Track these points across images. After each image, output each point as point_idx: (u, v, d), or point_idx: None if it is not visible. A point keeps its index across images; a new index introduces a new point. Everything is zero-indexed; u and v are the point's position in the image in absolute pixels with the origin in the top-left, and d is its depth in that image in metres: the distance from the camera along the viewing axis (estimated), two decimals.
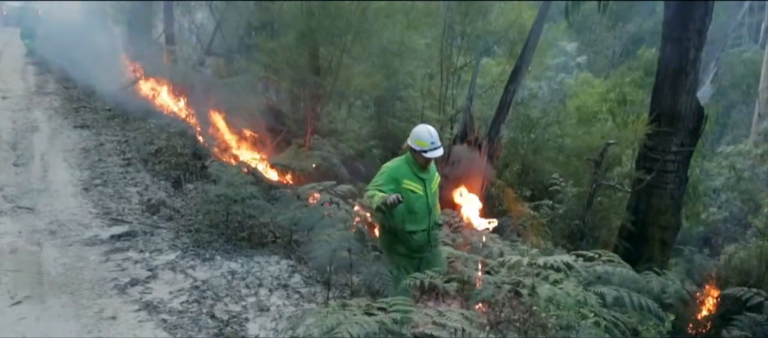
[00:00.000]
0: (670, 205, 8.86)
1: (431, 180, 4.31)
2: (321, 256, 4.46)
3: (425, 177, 4.25)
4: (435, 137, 4.22)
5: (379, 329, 2.04)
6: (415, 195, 4.17)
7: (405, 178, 4.16)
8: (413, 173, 4.20)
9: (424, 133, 4.19)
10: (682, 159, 8.72)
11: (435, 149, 4.14)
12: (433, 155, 4.15)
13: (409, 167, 4.22)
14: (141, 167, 7.63)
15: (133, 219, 6.18)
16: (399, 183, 4.13)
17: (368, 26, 8.84)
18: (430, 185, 4.28)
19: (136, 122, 9.24)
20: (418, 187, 4.19)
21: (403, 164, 4.25)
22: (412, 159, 4.22)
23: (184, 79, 10.73)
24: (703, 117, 8.70)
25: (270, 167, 8.04)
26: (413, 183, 4.17)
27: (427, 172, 4.27)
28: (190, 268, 5.25)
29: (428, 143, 4.13)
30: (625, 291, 4.21)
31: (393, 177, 4.16)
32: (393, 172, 4.19)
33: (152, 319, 4.14)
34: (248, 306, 4.72)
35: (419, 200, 4.20)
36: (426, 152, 4.12)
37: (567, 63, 17.32)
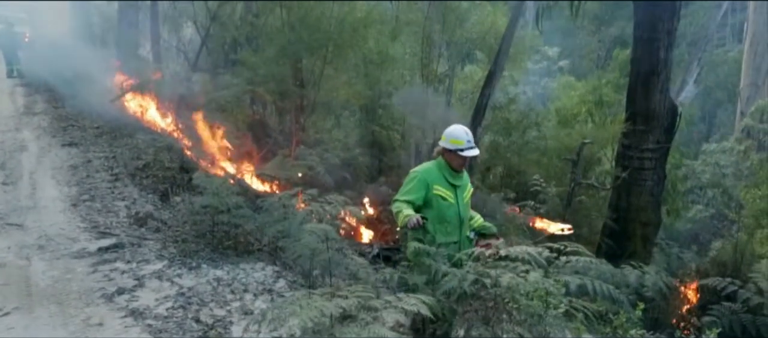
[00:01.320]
0: (650, 201, 9.06)
1: (464, 189, 4.10)
2: (302, 258, 4.60)
3: (458, 184, 4.04)
4: (470, 135, 4.04)
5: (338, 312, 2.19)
6: (446, 203, 3.98)
7: (436, 183, 3.97)
8: (445, 178, 4.01)
9: (460, 131, 4.01)
10: (659, 156, 8.94)
11: (471, 147, 3.98)
12: (470, 154, 3.98)
13: (441, 171, 4.02)
14: (128, 182, 7.77)
15: (121, 232, 6.32)
16: (429, 188, 3.95)
17: (347, 37, 9.06)
18: (463, 194, 4.08)
19: (124, 139, 9.39)
20: (450, 194, 4.00)
21: (435, 168, 4.05)
22: (445, 163, 4.03)
23: (171, 96, 10.90)
24: (677, 115, 8.93)
25: (256, 177, 8.20)
26: (444, 189, 3.99)
27: (461, 178, 4.08)
28: (177, 276, 5.38)
29: (464, 142, 3.96)
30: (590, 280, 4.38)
31: (424, 181, 3.96)
32: (424, 175, 3.99)
33: (138, 324, 4.27)
34: (233, 311, 4.86)
35: (450, 208, 4.00)
36: (463, 151, 3.94)
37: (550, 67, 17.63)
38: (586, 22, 25.32)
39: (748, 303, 6.35)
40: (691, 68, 27.83)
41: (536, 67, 17.19)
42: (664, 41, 8.40)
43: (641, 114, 8.75)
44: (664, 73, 8.60)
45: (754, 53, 19.70)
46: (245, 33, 11.43)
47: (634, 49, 8.82)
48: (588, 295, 4.74)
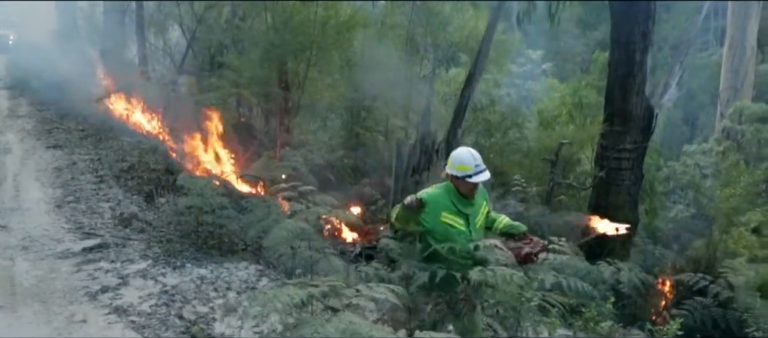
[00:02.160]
0: (627, 201, 9.29)
1: (476, 214, 3.73)
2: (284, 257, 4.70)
3: (469, 211, 3.67)
4: (478, 159, 3.66)
5: (307, 298, 2.31)
6: (454, 231, 3.61)
7: (445, 210, 3.61)
8: (453, 204, 3.64)
9: (466, 156, 3.65)
10: (636, 156, 9.17)
11: (480, 171, 3.61)
12: (479, 179, 3.60)
13: (450, 197, 3.65)
14: (113, 184, 7.82)
15: (105, 233, 6.38)
16: (438, 214, 3.59)
17: (331, 40, 9.20)
18: (474, 220, 3.71)
19: (109, 141, 9.43)
20: (459, 221, 3.64)
21: (443, 193, 3.66)
22: (454, 188, 3.66)
23: (157, 98, 10.95)
24: (653, 116, 9.18)
25: (240, 178, 8.29)
26: (453, 216, 3.62)
27: (472, 204, 3.70)
28: (161, 275, 5.47)
29: (472, 167, 3.59)
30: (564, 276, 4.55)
31: (432, 203, 3.59)
32: (433, 199, 3.61)
33: (121, 321, 4.35)
34: (216, 308, 4.96)
35: (461, 236, 3.62)
36: (471, 177, 3.57)
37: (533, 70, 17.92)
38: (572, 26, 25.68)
39: (718, 298, 6.59)
40: (673, 71, 28.29)
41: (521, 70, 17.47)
42: (640, 44, 8.63)
43: (619, 115, 8.98)
44: (641, 76, 8.84)
45: (732, 57, 20.13)
46: (231, 36, 11.52)
47: (612, 52, 9.06)
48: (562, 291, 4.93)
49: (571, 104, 10.42)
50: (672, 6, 27.12)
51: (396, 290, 2.46)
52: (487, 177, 3.63)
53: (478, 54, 8.82)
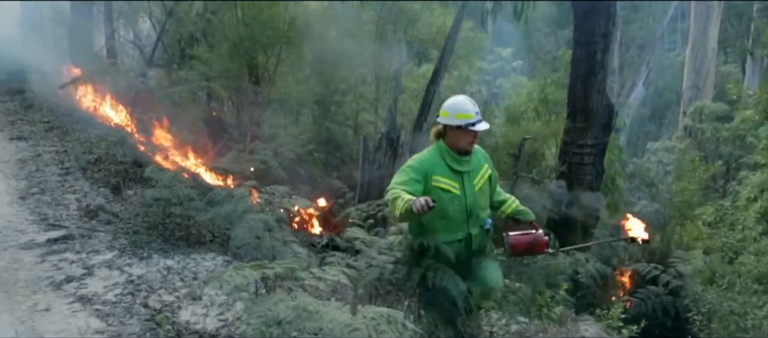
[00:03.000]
0: (589, 195, 9.66)
1: (474, 174, 3.38)
2: (247, 245, 4.80)
3: (465, 170, 3.33)
4: (476, 106, 3.33)
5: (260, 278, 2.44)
6: (448, 195, 3.28)
7: (436, 173, 3.29)
8: (447, 165, 3.30)
9: (466, 102, 3.30)
10: (597, 152, 9.54)
11: (481, 120, 3.29)
12: (482, 128, 3.27)
13: (442, 158, 3.31)
14: (80, 176, 7.77)
15: (71, 224, 6.36)
16: (428, 180, 3.28)
17: (299, 35, 9.30)
18: (471, 181, 3.35)
19: (76, 133, 9.31)
20: (454, 184, 3.30)
21: (435, 155, 3.34)
22: (446, 148, 3.31)
23: (126, 90, 10.85)
24: (614, 113, 9.57)
25: (209, 171, 8.33)
26: (446, 179, 3.30)
27: (468, 162, 3.35)
28: (127, 266, 5.50)
29: (473, 114, 3.23)
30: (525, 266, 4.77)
31: (423, 171, 3.29)
32: (423, 164, 3.32)
33: (85, 309, 4.40)
34: (182, 297, 5.03)
35: (454, 201, 3.30)
36: (473, 125, 3.22)
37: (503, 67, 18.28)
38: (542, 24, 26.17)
39: (669, 286, 6.93)
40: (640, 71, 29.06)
41: (491, 67, 17.81)
42: (600, 44, 8.98)
43: (581, 112, 9.32)
44: (601, 74, 9.19)
45: (694, 58, 20.87)
46: (202, 29, 11.47)
47: (574, 51, 9.39)
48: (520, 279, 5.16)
49: (537, 100, 10.73)
50: (640, 7, 27.88)
51: (347, 272, 2.59)
52: (487, 126, 3.35)
53: (444, 50, 9.04)
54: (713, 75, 21.16)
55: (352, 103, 10.47)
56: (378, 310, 2.17)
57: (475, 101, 3.40)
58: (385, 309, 2.24)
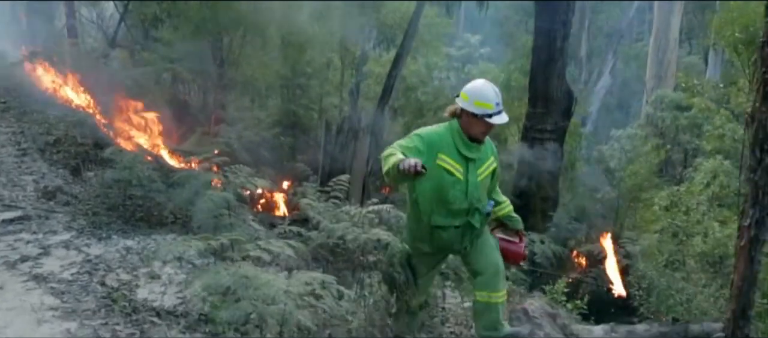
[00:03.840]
0: (548, 179, 9.98)
1: (480, 163, 3.24)
2: (207, 224, 4.86)
3: (473, 157, 3.19)
4: (500, 96, 3.16)
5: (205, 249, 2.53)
6: (450, 178, 3.15)
7: (443, 151, 3.14)
8: (455, 147, 3.16)
9: (488, 91, 3.12)
10: (557, 137, 9.85)
11: (500, 112, 3.13)
12: (499, 121, 3.13)
13: (453, 138, 3.17)
14: (37, 157, 7.64)
15: (28, 205, 6.29)
16: (433, 156, 3.12)
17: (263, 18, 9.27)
18: (476, 169, 3.21)
19: (34, 114, 9.10)
20: (458, 168, 3.16)
21: (446, 133, 3.19)
22: (459, 130, 3.16)
23: (87, 71, 10.63)
24: (573, 99, 9.86)
25: (172, 153, 8.30)
26: (452, 161, 3.15)
27: (478, 150, 3.22)
28: (85, 246, 5.49)
29: (494, 105, 3.07)
30: None
31: (428, 144, 3.13)
32: (431, 138, 3.17)
33: (40, 288, 4.40)
34: (140, 276, 5.05)
35: (456, 186, 3.16)
36: (491, 117, 3.07)
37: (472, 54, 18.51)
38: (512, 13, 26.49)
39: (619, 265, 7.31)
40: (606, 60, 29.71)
41: (459, 54, 18.03)
42: (560, 32, 9.23)
43: (541, 98, 9.60)
44: (561, 61, 9.46)
45: (657, 48, 21.49)
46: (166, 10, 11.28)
47: (535, 38, 9.64)
48: None
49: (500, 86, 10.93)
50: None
51: (293, 244, 2.71)
52: (506, 120, 3.17)
53: (405, 36, 9.16)
54: (675, 65, 21.79)
55: (316, 87, 10.53)
56: (312, 275, 2.30)
57: (498, 90, 3.19)
58: (319, 274, 2.37)
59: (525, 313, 3.72)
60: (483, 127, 3.15)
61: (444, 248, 3.39)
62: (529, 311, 3.85)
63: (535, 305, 4.32)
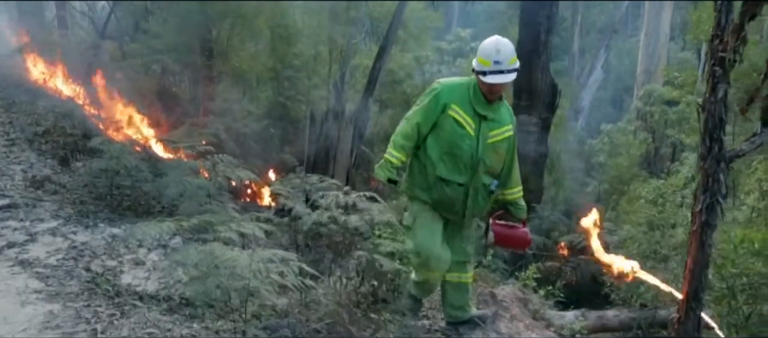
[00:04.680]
0: (533, 171, 10.12)
1: (496, 125, 3.18)
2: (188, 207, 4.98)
3: (486, 114, 3.13)
4: (504, 54, 3.03)
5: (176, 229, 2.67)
6: (460, 131, 3.10)
7: (456, 103, 3.12)
8: (470, 102, 3.12)
9: (488, 46, 3.06)
10: (542, 129, 10.01)
11: (500, 71, 3.00)
12: (494, 81, 3.01)
13: (469, 94, 3.14)
14: (26, 147, 7.72)
15: (16, 194, 6.38)
16: (445, 108, 3.11)
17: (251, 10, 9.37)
18: (489, 130, 3.15)
19: (23, 105, 9.17)
20: (470, 121, 3.11)
21: (464, 86, 3.18)
22: (476, 85, 3.13)
23: (77, 63, 10.70)
24: (557, 93, 10.01)
25: (160, 144, 8.40)
26: (464, 113, 3.11)
27: (495, 110, 3.17)
28: (71, 233, 5.60)
29: (491, 62, 2.99)
30: None
31: (439, 98, 3.13)
32: (445, 92, 3.14)
33: (25, 272, 4.52)
34: (125, 262, 5.17)
35: (465, 140, 3.10)
36: (485, 75, 3.01)
37: (463, 48, 18.66)
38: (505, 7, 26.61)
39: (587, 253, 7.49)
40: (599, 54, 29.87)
41: (450, 48, 18.17)
42: (544, 25, 9.37)
43: (525, 91, 9.75)
44: (545, 55, 9.60)
45: (648, 43, 21.67)
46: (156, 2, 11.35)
47: (520, 31, 9.77)
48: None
49: None
50: None
51: (263, 227, 2.84)
52: (505, 80, 3.05)
53: (389, 29, 9.28)
54: (665, 60, 21.98)
55: (304, 79, 10.66)
56: (274, 252, 2.43)
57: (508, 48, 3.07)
58: (280, 251, 2.50)
59: (492, 296, 3.87)
60: (485, 85, 3.08)
61: (442, 204, 3.23)
62: (498, 295, 3.99)
63: (506, 290, 4.46)
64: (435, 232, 3.23)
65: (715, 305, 3.95)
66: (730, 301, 3.72)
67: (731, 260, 3.65)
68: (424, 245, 3.21)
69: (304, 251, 3.87)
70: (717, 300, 3.88)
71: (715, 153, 3.16)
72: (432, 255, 3.19)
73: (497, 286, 4.67)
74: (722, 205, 3.25)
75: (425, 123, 3.16)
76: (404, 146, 3.17)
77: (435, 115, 3.12)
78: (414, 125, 3.17)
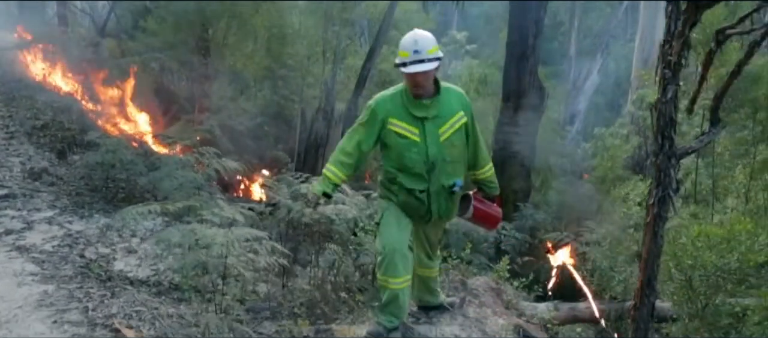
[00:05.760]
0: (520, 171, 10.37)
1: (442, 121, 3.03)
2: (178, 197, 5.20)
3: (426, 114, 3.00)
4: (423, 43, 2.92)
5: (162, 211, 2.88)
6: (405, 141, 3.01)
7: (393, 116, 3.01)
8: (404, 108, 3.01)
9: (407, 39, 2.95)
10: (529, 131, 10.24)
11: (419, 61, 2.89)
12: (413, 70, 2.89)
13: (402, 100, 3.03)
14: (24, 140, 7.95)
15: (14, 184, 6.61)
16: (384, 123, 3.03)
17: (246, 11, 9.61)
18: (436, 129, 3.02)
19: (23, 100, 9.40)
20: (413, 129, 3.01)
21: (397, 95, 3.07)
22: (406, 92, 3.02)
23: (76, 59, 10.93)
24: (545, 95, 10.25)
25: (156, 139, 8.63)
26: (403, 124, 3.01)
27: (433, 107, 3.01)
28: (67, 222, 5.82)
29: (410, 53, 2.88)
30: None
31: (375, 114, 3.04)
32: (380, 107, 3.05)
33: (22, 257, 4.74)
34: (117, 250, 5.40)
35: (412, 149, 3.01)
36: (406, 66, 2.90)
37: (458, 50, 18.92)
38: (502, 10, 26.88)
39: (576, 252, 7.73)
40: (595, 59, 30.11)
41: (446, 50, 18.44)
42: (532, 29, 9.60)
43: (514, 92, 9.98)
44: (533, 58, 9.84)
45: (643, 48, 21.90)
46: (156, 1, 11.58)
47: (509, 34, 10.01)
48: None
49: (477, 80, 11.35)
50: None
51: (243, 212, 3.06)
52: (427, 68, 2.91)
53: (380, 30, 9.51)
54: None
55: (298, 78, 10.90)
56: (249, 231, 2.65)
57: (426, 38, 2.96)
58: (254, 230, 2.72)
59: (462, 283, 4.09)
60: (408, 80, 2.96)
61: (408, 207, 3.19)
62: (470, 284, 4.20)
63: (479, 280, 4.68)
64: (402, 229, 3.19)
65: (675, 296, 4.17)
66: (688, 292, 3.95)
67: (688, 252, 3.87)
68: (388, 242, 3.15)
69: (285, 240, 4.09)
70: (677, 291, 4.10)
71: (666, 150, 3.36)
72: (396, 251, 3.12)
73: (471, 276, 4.88)
74: (673, 198, 3.45)
75: (366, 141, 3.08)
76: (344, 163, 3.10)
77: (375, 132, 3.04)
78: (355, 144, 3.10)
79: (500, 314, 4.13)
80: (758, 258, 3.72)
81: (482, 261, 7.34)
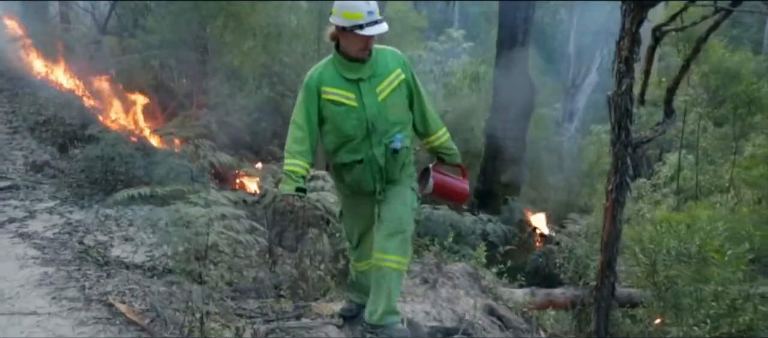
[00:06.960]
0: (510, 166, 10.63)
1: (378, 80, 2.90)
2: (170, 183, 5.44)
3: (360, 75, 2.87)
4: (374, 5, 2.81)
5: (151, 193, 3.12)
6: (341, 108, 2.87)
7: (326, 84, 2.89)
8: (339, 74, 2.88)
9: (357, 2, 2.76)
10: (519, 127, 10.49)
11: (374, 22, 2.76)
12: (373, 32, 2.75)
13: (334, 67, 2.90)
14: (27, 135, 8.23)
15: (17, 177, 6.88)
16: (320, 94, 2.90)
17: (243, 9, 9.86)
18: (373, 89, 2.88)
19: (26, 96, 9.69)
20: (348, 94, 2.87)
21: (328, 64, 2.94)
22: (338, 56, 2.90)
23: (78, 57, 11.20)
24: (534, 92, 10.49)
25: (154, 135, 8.90)
26: (337, 90, 2.87)
27: (369, 68, 2.88)
28: (68, 212, 6.08)
29: (364, 14, 2.73)
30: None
31: (312, 88, 2.91)
32: (313, 78, 2.92)
33: (25, 242, 5.01)
34: (115, 237, 5.65)
35: (350, 115, 2.87)
36: (362, 28, 2.73)
37: (455, 48, 19.17)
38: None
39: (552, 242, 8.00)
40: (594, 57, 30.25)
41: (442, 48, 18.73)
42: (522, 27, 9.84)
43: (505, 90, 10.23)
44: (523, 55, 10.07)
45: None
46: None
47: (498, 32, 10.26)
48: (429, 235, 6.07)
49: (470, 77, 11.59)
50: None
51: (229, 197, 3.32)
52: (382, 30, 2.79)
53: None
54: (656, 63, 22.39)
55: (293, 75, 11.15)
56: (228, 209, 2.90)
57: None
58: (232, 209, 2.97)
59: (437, 266, 4.33)
60: (359, 43, 2.80)
61: (357, 190, 3.04)
62: (445, 269, 4.43)
63: (457, 266, 4.91)
64: (356, 219, 3.15)
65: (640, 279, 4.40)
66: (652, 275, 4.18)
67: (652, 237, 4.10)
68: (349, 232, 3.23)
69: (272, 225, 4.34)
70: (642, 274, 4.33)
71: (623, 139, 3.60)
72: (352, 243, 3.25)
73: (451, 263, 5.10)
74: (629, 185, 3.69)
75: (309, 118, 2.94)
76: (300, 151, 2.96)
77: (314, 105, 2.91)
78: (300, 125, 2.96)
79: (474, 296, 4.36)
80: (715, 243, 3.96)
81: (468, 252, 7.57)
